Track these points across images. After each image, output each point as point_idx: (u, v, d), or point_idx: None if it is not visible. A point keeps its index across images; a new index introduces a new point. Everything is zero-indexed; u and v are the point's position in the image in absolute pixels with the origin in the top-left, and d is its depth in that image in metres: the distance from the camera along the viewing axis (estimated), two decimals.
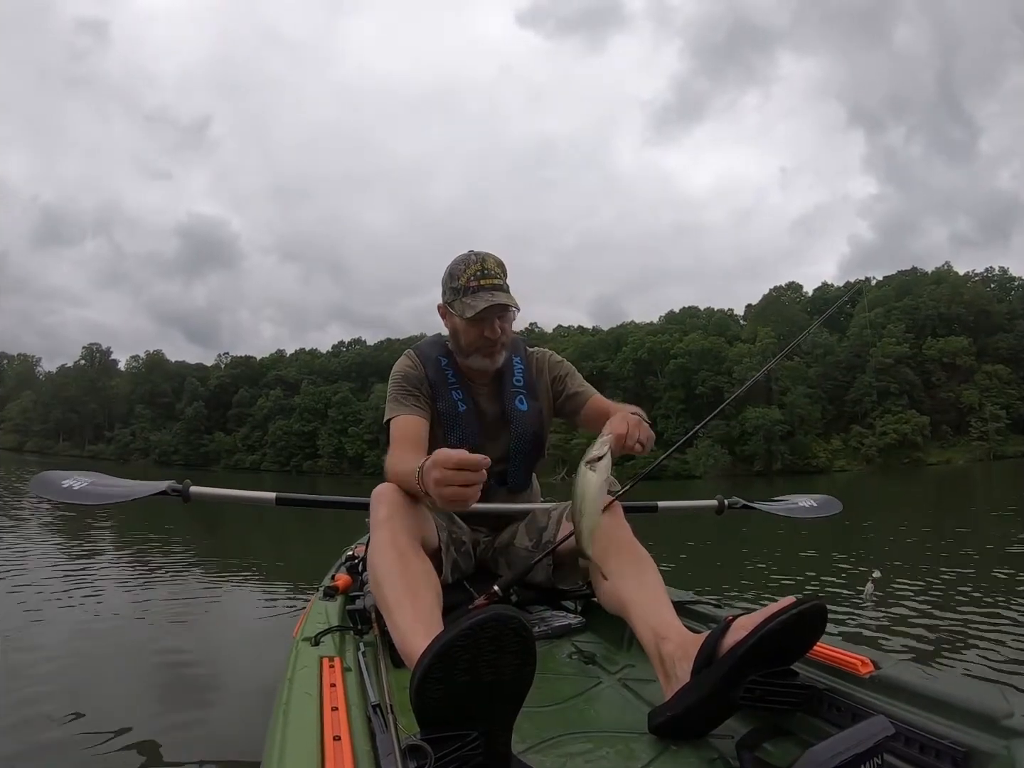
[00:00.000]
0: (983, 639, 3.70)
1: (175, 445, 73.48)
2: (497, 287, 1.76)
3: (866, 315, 54.49)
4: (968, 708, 0.96)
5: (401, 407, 1.79)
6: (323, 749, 0.87)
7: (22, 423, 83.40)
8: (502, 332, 1.79)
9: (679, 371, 56.29)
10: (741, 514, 2.50)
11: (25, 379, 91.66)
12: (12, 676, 2.91)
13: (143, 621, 4.07)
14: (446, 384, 1.87)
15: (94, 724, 2.41)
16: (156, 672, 3.15)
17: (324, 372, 71.51)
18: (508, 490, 1.90)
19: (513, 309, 1.80)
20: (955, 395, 53.22)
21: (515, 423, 1.87)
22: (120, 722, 2.42)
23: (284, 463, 67.28)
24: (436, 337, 2.00)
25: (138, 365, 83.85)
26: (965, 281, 60.77)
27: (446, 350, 1.92)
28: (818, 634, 1.13)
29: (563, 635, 1.73)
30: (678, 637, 1.22)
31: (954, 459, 49.94)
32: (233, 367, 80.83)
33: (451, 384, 1.87)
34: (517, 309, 1.81)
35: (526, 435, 1.88)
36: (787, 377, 53.52)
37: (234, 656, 3.54)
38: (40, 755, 2.20)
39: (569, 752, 1.11)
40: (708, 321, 63.68)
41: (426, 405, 1.82)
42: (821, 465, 50.77)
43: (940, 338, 55.00)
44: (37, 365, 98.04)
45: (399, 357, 1.93)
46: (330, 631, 1.38)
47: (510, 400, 1.89)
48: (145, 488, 2.02)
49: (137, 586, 5.13)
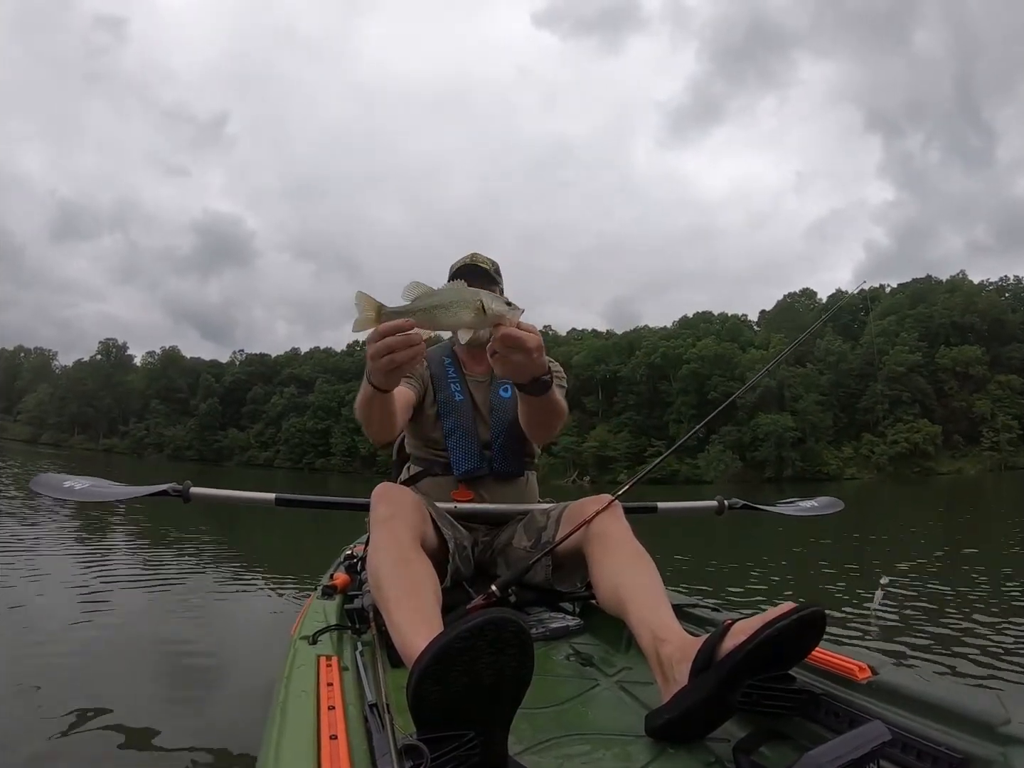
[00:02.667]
0: (986, 648, 3.69)
1: (189, 440, 73.98)
2: (481, 264, 1.98)
3: (875, 323, 54.20)
4: (965, 714, 0.95)
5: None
6: (319, 748, 0.87)
7: (38, 416, 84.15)
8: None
9: (691, 376, 56.06)
10: (750, 520, 2.51)
11: (42, 372, 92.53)
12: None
13: (142, 619, 4.09)
14: (446, 378, 2.02)
15: (92, 718, 2.45)
16: (153, 668, 3.17)
17: (339, 371, 71.53)
18: (495, 478, 1.96)
19: (499, 292, 1.92)
20: (967, 405, 52.77)
21: (496, 410, 1.99)
22: (116, 717, 2.45)
23: (297, 460, 67.50)
24: (445, 341, 2.20)
25: (154, 361, 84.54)
26: (979, 290, 60.21)
27: (451, 351, 2.10)
28: (816, 640, 1.13)
29: (561, 637, 1.73)
30: (677, 639, 1.22)
31: (965, 469, 49.61)
32: (248, 364, 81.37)
33: (451, 378, 2.03)
34: (497, 275, 2.01)
35: (505, 421, 1.95)
36: (799, 384, 53.27)
37: (231, 654, 3.55)
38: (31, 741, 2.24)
39: (566, 754, 1.10)
40: (721, 326, 63.43)
41: (417, 385, 1.96)
42: (832, 473, 50.40)
43: (953, 347, 54.57)
44: (54, 359, 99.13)
45: None
46: (328, 630, 1.38)
47: (495, 389, 2.02)
48: (145, 488, 2.04)
49: (137, 583, 5.14)
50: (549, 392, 1.55)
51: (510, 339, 1.28)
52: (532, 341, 1.30)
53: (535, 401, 1.57)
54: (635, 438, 56.27)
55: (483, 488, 1.94)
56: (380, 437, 1.69)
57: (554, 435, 1.83)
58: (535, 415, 1.69)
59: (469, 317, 1.23)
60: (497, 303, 1.24)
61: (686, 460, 50.81)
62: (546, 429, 1.77)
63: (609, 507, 1.57)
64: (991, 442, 50.86)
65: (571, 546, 1.58)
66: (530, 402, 1.60)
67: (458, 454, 1.93)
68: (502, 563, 1.83)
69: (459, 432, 1.94)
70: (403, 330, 1.20)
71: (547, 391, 1.53)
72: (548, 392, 1.54)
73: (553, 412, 1.67)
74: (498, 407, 1.99)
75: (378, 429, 1.65)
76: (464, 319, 1.24)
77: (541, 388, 1.50)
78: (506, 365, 1.36)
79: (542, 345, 1.34)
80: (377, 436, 1.68)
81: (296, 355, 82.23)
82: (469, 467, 1.93)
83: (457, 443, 1.94)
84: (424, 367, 2.01)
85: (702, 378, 55.29)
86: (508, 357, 1.32)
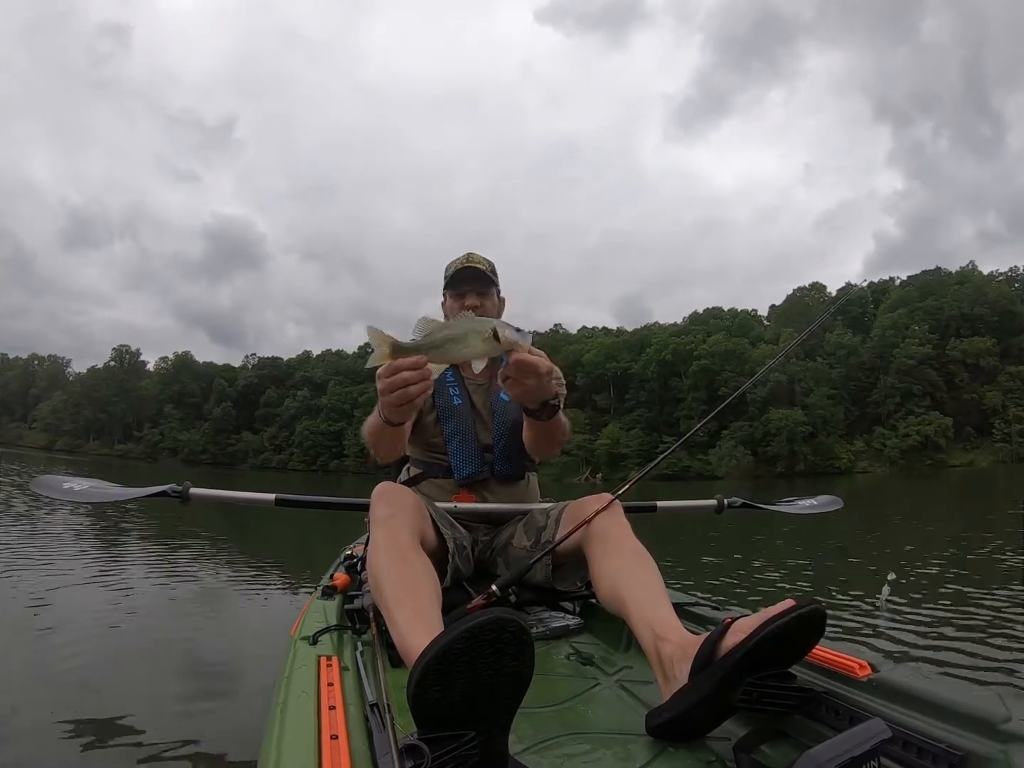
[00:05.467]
0: (990, 645, 3.67)
1: (203, 444, 74.64)
2: (477, 266, 2.01)
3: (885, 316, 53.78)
4: (966, 712, 0.95)
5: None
6: (320, 748, 0.87)
7: (52, 423, 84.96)
8: (480, 306, 1.97)
9: (702, 372, 55.97)
10: (757, 518, 2.50)
11: (56, 380, 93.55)
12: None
13: (142, 619, 4.09)
14: (444, 382, 2.01)
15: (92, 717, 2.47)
16: (153, 669, 3.17)
17: (351, 373, 71.70)
18: (496, 480, 1.96)
19: (495, 292, 2.06)
20: (978, 396, 52.45)
21: (498, 412, 1.99)
22: (115, 717, 2.47)
23: (311, 462, 68.05)
24: None
25: (167, 366, 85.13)
26: (989, 281, 59.73)
27: None
28: (817, 638, 1.12)
29: (561, 636, 1.73)
30: (677, 638, 1.21)
31: (977, 461, 49.25)
32: (260, 368, 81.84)
33: (449, 382, 2.02)
34: (493, 275, 2.04)
35: (507, 423, 1.96)
36: (810, 378, 53.04)
37: (231, 654, 3.56)
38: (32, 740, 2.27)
39: (567, 753, 1.10)
40: (732, 322, 63.28)
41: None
42: (843, 467, 50.23)
43: (963, 339, 54.15)
44: (67, 366, 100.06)
45: None
46: (328, 630, 1.38)
47: (495, 392, 2.00)
48: (144, 490, 2.05)
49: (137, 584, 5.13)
50: (556, 416, 1.66)
51: (524, 365, 1.37)
52: (543, 366, 1.40)
53: (542, 425, 1.68)
54: (647, 435, 56.18)
55: (485, 491, 1.94)
56: (387, 460, 1.82)
57: (557, 454, 1.93)
58: (541, 437, 1.79)
59: (482, 347, 1.29)
60: (509, 330, 1.30)
61: (698, 456, 50.77)
62: (550, 448, 1.86)
63: (609, 506, 1.57)
64: (1002, 434, 50.48)
65: (571, 545, 1.58)
66: (537, 426, 1.71)
67: (459, 458, 1.93)
68: (502, 563, 1.83)
69: (459, 436, 1.94)
70: (418, 366, 1.25)
71: (554, 415, 1.64)
72: (555, 416, 1.65)
73: (558, 433, 1.76)
74: (499, 410, 2.00)
75: (386, 453, 1.75)
76: (478, 350, 1.30)
77: (550, 412, 1.62)
78: (519, 389, 1.45)
79: (552, 368, 1.45)
80: (384, 459, 1.79)
81: (308, 358, 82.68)
82: (471, 471, 1.92)
83: (458, 447, 1.94)
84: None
85: (713, 374, 55.15)
86: (522, 381, 1.42)
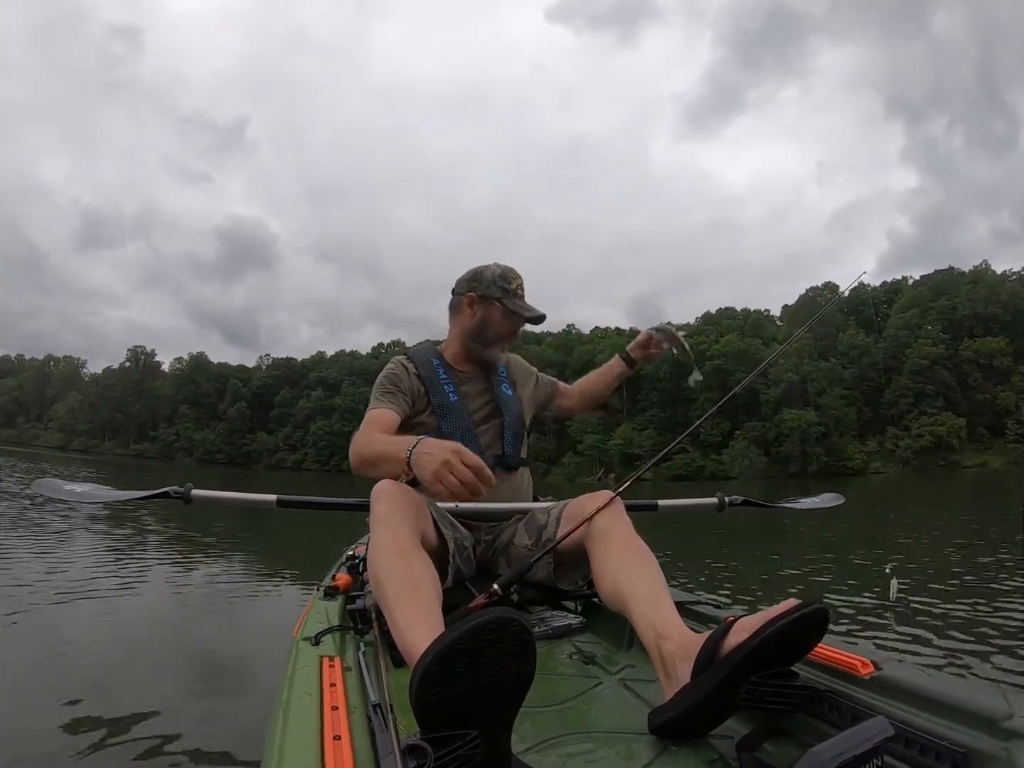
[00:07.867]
0: (994, 643, 3.67)
1: (218, 444, 75.36)
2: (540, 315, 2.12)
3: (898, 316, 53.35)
4: (968, 709, 0.94)
5: (379, 403, 1.93)
6: (323, 748, 0.87)
7: (68, 423, 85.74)
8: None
9: (715, 372, 55.68)
10: (765, 518, 2.50)
11: (71, 380, 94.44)
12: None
13: (142, 619, 4.12)
14: (438, 380, 2.03)
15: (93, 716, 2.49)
16: (153, 669, 3.18)
17: (364, 373, 71.84)
18: (503, 468, 1.97)
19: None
20: (991, 397, 52.13)
21: (506, 405, 2.07)
22: (115, 717, 2.48)
23: (325, 462, 68.33)
24: (427, 343, 2.27)
25: (182, 366, 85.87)
26: (1003, 280, 59.26)
27: (437, 353, 2.13)
28: (819, 637, 1.12)
29: (563, 635, 1.73)
30: (679, 636, 1.21)
31: (990, 462, 48.90)
32: (274, 368, 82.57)
33: (442, 380, 2.03)
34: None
35: (514, 414, 2.07)
36: (823, 379, 52.79)
37: (233, 655, 3.57)
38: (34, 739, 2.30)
39: (569, 752, 1.10)
40: (744, 322, 63.19)
41: (406, 404, 1.96)
42: (856, 467, 50.01)
43: (976, 339, 53.80)
44: (83, 367, 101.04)
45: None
46: (330, 631, 1.38)
47: (498, 387, 2.10)
48: (145, 491, 2.04)
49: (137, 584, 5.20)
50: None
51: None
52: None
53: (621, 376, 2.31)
54: (660, 435, 56.03)
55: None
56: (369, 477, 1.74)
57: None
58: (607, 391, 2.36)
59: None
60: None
61: (711, 456, 50.63)
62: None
63: (610, 504, 1.56)
64: (1016, 434, 50.09)
65: (572, 543, 1.57)
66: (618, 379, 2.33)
67: None
68: (503, 562, 1.83)
69: (459, 434, 1.92)
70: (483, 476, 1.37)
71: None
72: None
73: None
74: (506, 403, 2.07)
75: (374, 475, 1.68)
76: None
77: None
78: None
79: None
80: (367, 476, 1.72)
81: (322, 358, 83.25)
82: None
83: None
84: (411, 374, 2.02)
85: (726, 374, 54.86)
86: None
